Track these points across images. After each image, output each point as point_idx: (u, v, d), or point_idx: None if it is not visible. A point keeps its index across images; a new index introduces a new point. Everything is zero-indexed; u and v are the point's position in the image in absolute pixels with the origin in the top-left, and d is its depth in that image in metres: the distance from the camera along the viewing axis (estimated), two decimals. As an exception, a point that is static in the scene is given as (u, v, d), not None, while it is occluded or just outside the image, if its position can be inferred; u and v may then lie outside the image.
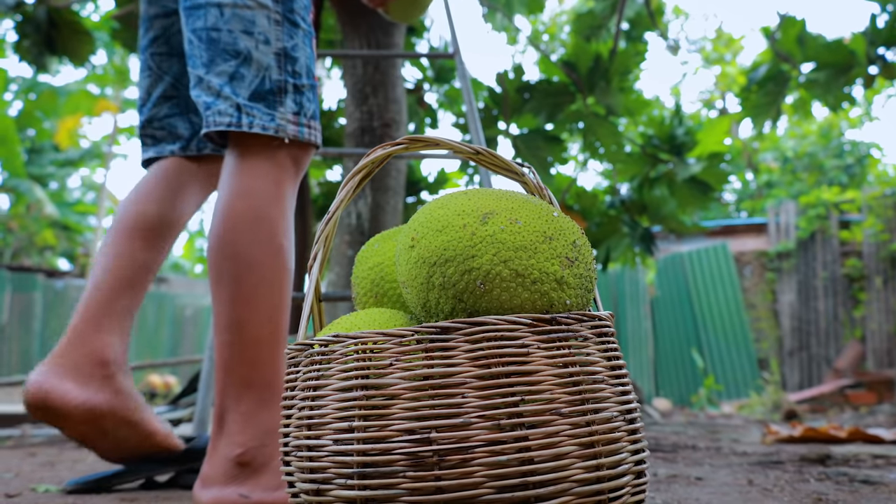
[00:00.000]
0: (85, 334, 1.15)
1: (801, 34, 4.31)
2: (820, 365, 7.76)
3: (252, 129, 1.04)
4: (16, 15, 3.61)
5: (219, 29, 1.07)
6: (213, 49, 1.07)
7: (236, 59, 1.06)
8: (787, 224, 8.35)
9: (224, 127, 1.05)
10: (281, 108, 1.07)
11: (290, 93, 1.09)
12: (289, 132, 1.07)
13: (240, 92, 1.05)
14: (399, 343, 0.61)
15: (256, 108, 1.05)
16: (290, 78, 1.09)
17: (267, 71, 1.07)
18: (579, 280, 0.67)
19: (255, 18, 1.07)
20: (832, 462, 1.42)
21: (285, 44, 1.09)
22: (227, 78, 1.06)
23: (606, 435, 0.62)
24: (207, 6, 1.07)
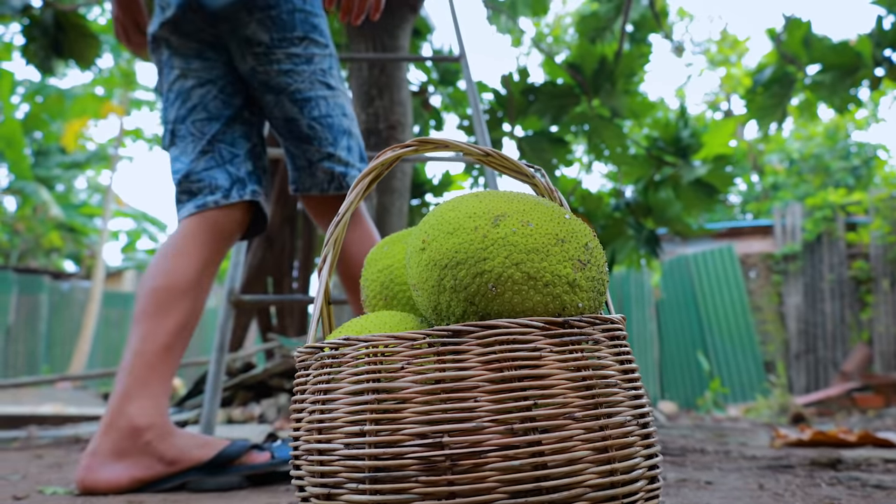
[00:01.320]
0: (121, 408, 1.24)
1: (806, 36, 4.30)
2: (827, 368, 7.72)
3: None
4: (23, 18, 3.63)
5: (331, 115, 1.43)
6: (333, 132, 1.43)
7: (346, 136, 1.45)
8: (794, 226, 8.32)
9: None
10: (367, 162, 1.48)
11: (363, 147, 1.50)
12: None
13: (354, 159, 1.45)
14: (410, 346, 0.61)
15: (363, 165, 1.46)
16: (360, 140, 1.49)
17: (358, 139, 1.48)
18: (591, 283, 0.67)
19: (343, 103, 1.46)
20: (843, 466, 1.41)
21: (353, 114, 1.49)
22: (346, 151, 1.44)
23: (620, 440, 0.61)
24: (317, 99, 1.42)
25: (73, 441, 2.48)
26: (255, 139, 1.50)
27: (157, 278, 1.32)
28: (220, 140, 1.43)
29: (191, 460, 1.24)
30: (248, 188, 1.43)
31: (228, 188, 1.40)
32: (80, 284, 11.19)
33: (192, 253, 1.35)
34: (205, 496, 1.18)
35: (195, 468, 1.24)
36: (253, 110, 1.50)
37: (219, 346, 1.65)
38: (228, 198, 1.39)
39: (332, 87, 1.44)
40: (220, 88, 1.44)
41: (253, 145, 1.49)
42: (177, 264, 1.33)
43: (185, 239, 1.37)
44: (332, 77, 1.45)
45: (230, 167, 1.42)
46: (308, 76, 1.41)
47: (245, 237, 1.52)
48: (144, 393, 1.23)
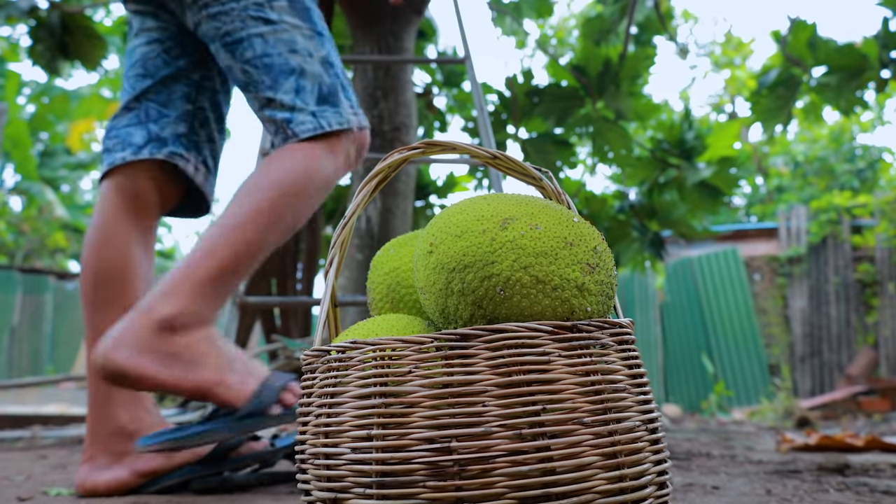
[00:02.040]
0: (101, 413, 1.21)
1: (812, 38, 4.28)
2: (832, 371, 7.69)
3: (332, 127, 1.20)
4: (30, 20, 3.64)
5: (269, 54, 1.22)
6: (272, 72, 1.22)
7: (294, 76, 1.22)
8: (799, 229, 8.29)
9: (311, 133, 1.19)
10: (341, 106, 1.23)
11: (341, 90, 1.25)
12: (352, 123, 1.23)
13: (307, 101, 1.21)
14: (418, 350, 0.61)
15: (325, 110, 1.22)
16: (337, 79, 1.25)
17: (320, 78, 1.24)
18: (600, 286, 0.66)
19: (294, 38, 1.24)
20: (851, 472, 1.40)
21: (323, 53, 1.26)
22: (294, 93, 1.21)
23: (629, 445, 0.61)
24: (250, 38, 1.23)
25: (77, 441, 2.48)
26: (202, 104, 1.37)
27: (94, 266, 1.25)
28: (149, 98, 1.33)
29: (188, 453, 1.22)
30: (167, 149, 1.30)
31: (141, 145, 1.29)
32: (84, 285, 11.20)
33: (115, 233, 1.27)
34: (209, 497, 1.18)
35: (196, 462, 1.22)
36: (209, 74, 1.39)
37: (223, 348, 1.65)
38: (138, 154, 1.28)
39: (270, 21, 1.23)
40: (165, 48, 1.35)
41: (196, 109, 1.36)
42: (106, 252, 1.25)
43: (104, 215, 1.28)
44: (273, 9, 1.24)
45: (153, 125, 1.32)
46: (238, 14, 1.23)
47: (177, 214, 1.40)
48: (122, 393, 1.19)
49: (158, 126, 1.32)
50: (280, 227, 1.16)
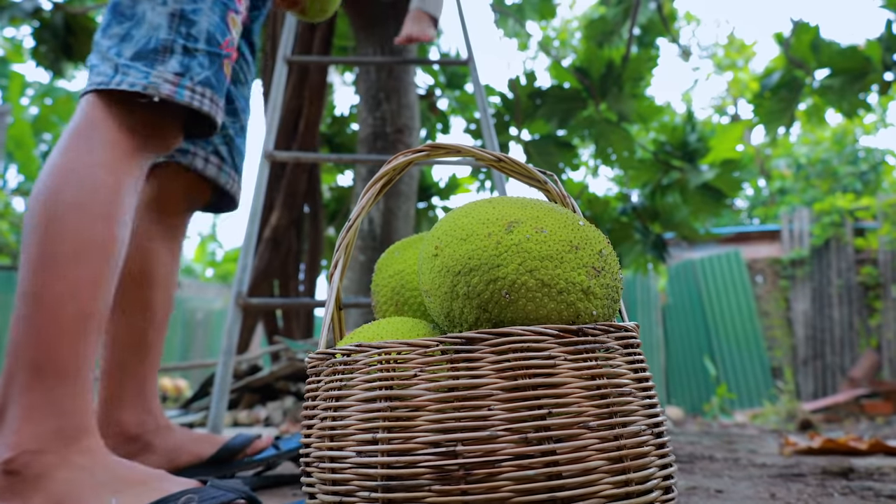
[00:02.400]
0: (107, 416, 1.16)
1: (814, 40, 4.28)
2: (835, 374, 7.67)
3: (119, 86, 0.94)
4: (33, 21, 3.65)
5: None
6: (113, 13, 1.01)
7: (130, 21, 1.00)
8: (801, 231, 8.28)
9: (94, 87, 0.96)
10: (160, 67, 0.97)
11: (178, 53, 0.99)
12: (162, 91, 0.96)
13: (123, 52, 0.98)
14: (423, 353, 0.60)
15: (134, 66, 0.96)
16: (181, 39, 1.00)
17: (156, 31, 0.99)
18: (606, 290, 0.66)
19: None
20: (855, 476, 1.39)
21: (184, 6, 1.01)
22: (117, 40, 0.99)
23: (635, 449, 0.61)
24: None
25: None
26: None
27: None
28: None
29: (191, 455, 1.20)
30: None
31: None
32: (86, 285, 11.21)
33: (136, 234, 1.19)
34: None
35: (200, 464, 1.21)
36: None
37: (226, 350, 1.65)
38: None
39: None
40: None
41: None
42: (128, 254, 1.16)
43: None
44: None
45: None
46: None
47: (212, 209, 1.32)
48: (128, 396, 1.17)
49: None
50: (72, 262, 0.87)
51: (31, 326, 0.84)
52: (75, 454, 0.82)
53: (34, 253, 0.87)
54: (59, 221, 0.87)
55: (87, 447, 0.83)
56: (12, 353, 0.84)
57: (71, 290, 0.86)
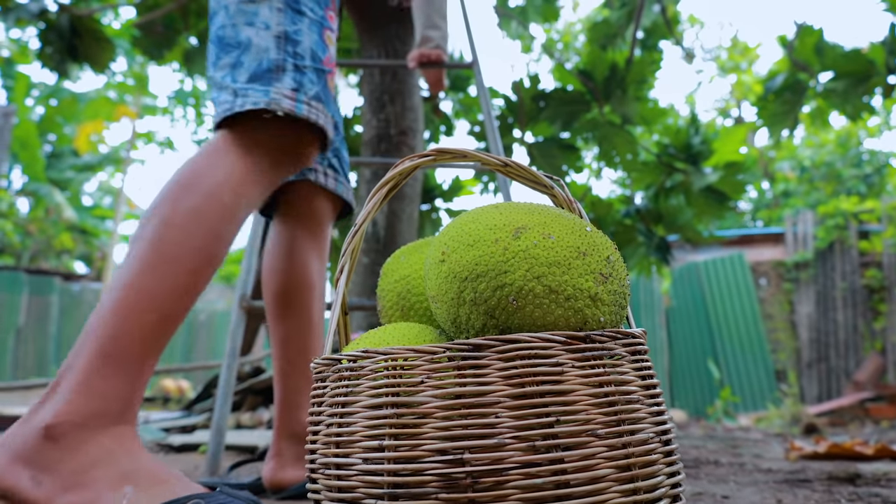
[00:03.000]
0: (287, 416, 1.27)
1: (818, 43, 4.27)
2: (839, 377, 7.64)
3: (244, 107, 1.00)
4: (39, 22, 3.66)
5: (224, 26, 1.07)
6: (219, 46, 1.07)
7: (237, 50, 1.05)
8: (805, 234, 8.26)
9: (221, 115, 1.01)
10: (277, 84, 1.03)
11: (290, 71, 1.05)
12: (283, 106, 1.02)
13: (238, 78, 1.03)
14: (430, 360, 0.60)
15: (252, 88, 1.02)
16: (290, 58, 1.06)
17: (265, 53, 1.04)
18: (613, 296, 0.66)
19: (257, 10, 1.07)
20: (862, 481, 1.39)
21: (286, 28, 1.07)
22: (228, 69, 1.04)
23: (643, 457, 0.60)
24: (217, 11, 1.10)
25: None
26: None
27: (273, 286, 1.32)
28: None
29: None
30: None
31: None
32: (90, 286, 11.25)
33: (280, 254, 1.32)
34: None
35: None
36: None
37: (230, 352, 1.65)
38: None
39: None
40: None
41: None
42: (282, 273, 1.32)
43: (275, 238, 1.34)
44: None
45: None
46: None
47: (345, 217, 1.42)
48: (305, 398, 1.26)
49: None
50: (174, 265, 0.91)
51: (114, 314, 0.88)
52: (108, 437, 0.84)
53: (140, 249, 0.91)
54: (172, 226, 0.92)
55: (121, 434, 0.86)
56: (90, 332, 0.88)
57: (163, 291, 0.90)
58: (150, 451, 2.26)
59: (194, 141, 12.66)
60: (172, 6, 3.71)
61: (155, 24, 3.77)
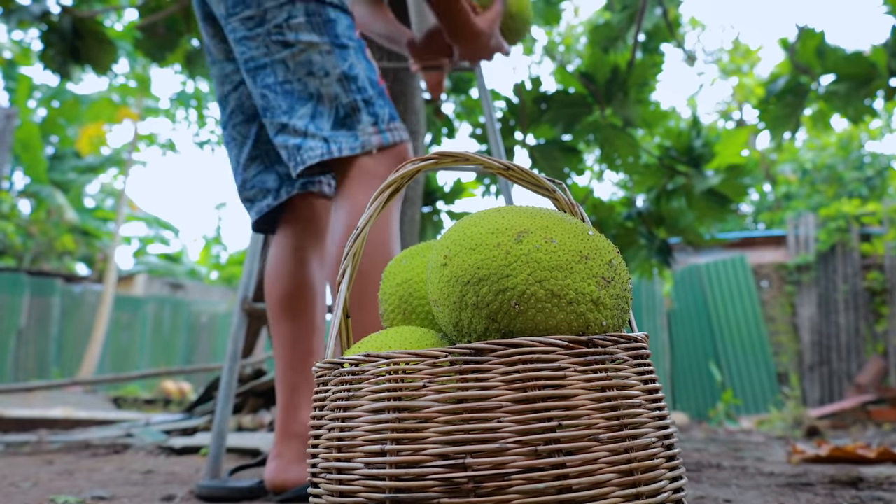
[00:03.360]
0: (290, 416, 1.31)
1: (820, 46, 4.27)
2: (841, 380, 7.63)
3: (342, 153, 1.16)
4: (41, 24, 3.67)
5: (289, 81, 1.19)
6: (290, 99, 1.19)
7: (311, 101, 1.19)
8: (807, 236, 8.25)
9: (318, 159, 1.16)
10: (360, 126, 1.18)
11: (362, 109, 1.19)
12: (373, 143, 1.17)
13: (322, 126, 1.18)
14: (432, 364, 0.60)
15: (340, 135, 1.17)
16: (357, 95, 1.19)
17: (337, 100, 1.19)
18: (615, 301, 0.66)
19: (311, 58, 1.19)
20: (865, 485, 1.38)
21: (342, 68, 1.20)
22: (308, 119, 1.18)
23: (645, 462, 0.60)
24: (273, 64, 1.20)
25: (83, 447, 2.48)
26: None
27: (276, 293, 1.37)
28: (264, 140, 1.37)
29: None
30: (298, 183, 1.37)
31: (277, 188, 1.37)
32: (91, 288, 11.26)
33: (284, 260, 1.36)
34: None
35: None
36: None
37: (232, 355, 1.65)
38: (277, 198, 1.37)
39: (289, 44, 1.19)
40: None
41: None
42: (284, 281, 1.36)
43: (276, 250, 1.39)
44: (291, 30, 1.19)
45: (279, 167, 1.37)
46: (261, 39, 1.20)
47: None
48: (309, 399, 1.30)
49: (283, 165, 1.36)
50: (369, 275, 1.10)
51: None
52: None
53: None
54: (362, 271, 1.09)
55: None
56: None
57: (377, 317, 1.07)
58: (151, 453, 2.26)
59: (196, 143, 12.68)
60: (175, 8, 3.72)
61: (157, 26, 3.78)
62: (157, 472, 1.77)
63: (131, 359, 10.88)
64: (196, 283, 14.05)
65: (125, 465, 1.92)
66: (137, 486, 1.46)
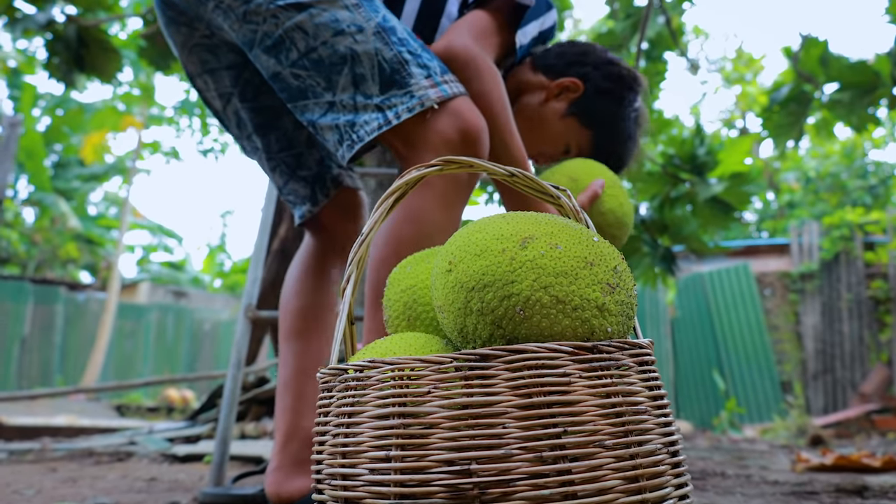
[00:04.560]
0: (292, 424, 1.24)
1: (823, 55, 4.27)
2: (845, 389, 7.59)
3: (401, 118, 0.97)
4: (46, 33, 3.69)
5: (313, 49, 1.00)
6: (323, 69, 1.00)
7: (346, 65, 0.99)
8: (811, 245, 8.23)
9: (376, 132, 0.98)
10: (412, 81, 0.99)
11: (410, 60, 1.00)
12: (432, 97, 0.98)
13: (371, 92, 0.99)
14: (437, 370, 0.60)
15: (392, 96, 0.98)
16: (401, 47, 1.01)
17: (378, 55, 0.99)
18: (620, 307, 0.66)
19: (336, 16, 1.00)
20: (870, 494, 1.37)
21: (376, 20, 1.01)
22: (351, 88, 0.99)
23: (651, 469, 0.60)
24: (290, 32, 1.01)
25: (86, 454, 2.48)
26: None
27: (290, 308, 1.30)
28: (273, 150, 1.27)
29: None
30: (329, 180, 1.28)
31: (311, 195, 1.29)
32: (95, 296, 11.28)
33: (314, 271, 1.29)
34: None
35: None
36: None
37: (235, 363, 1.65)
38: (317, 204, 1.29)
39: (303, 5, 1.01)
40: (245, 95, 1.24)
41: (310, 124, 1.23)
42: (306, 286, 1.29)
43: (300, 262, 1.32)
44: None
45: (302, 171, 1.28)
46: (266, 9, 1.02)
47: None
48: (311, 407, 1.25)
49: (306, 169, 1.27)
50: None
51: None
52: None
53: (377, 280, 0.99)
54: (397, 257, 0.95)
55: None
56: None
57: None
58: (154, 461, 2.26)
59: (199, 151, 12.73)
60: (179, 17, 3.74)
61: (161, 35, 3.80)
62: (160, 479, 1.76)
63: (134, 366, 10.89)
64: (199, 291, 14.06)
65: (128, 472, 1.92)
66: (141, 494, 1.46)
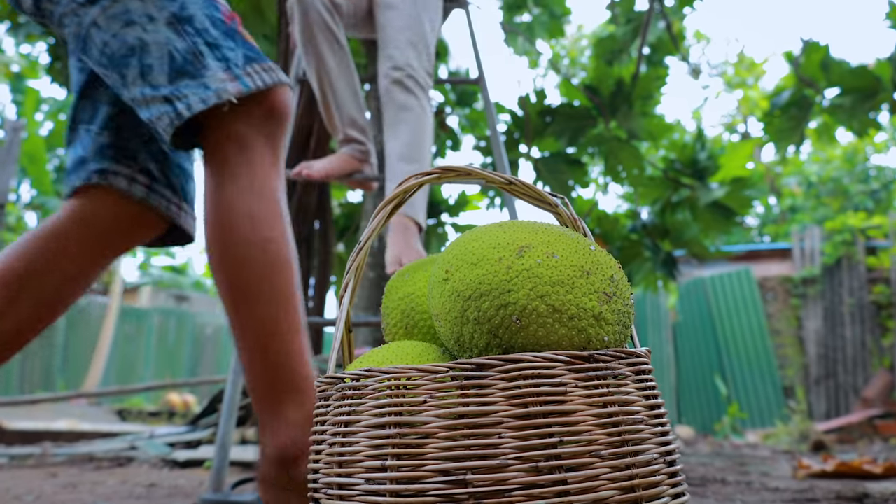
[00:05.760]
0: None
1: (824, 59, 4.28)
2: (847, 394, 7.57)
3: (192, 111, 0.90)
4: (49, 38, 3.71)
5: (106, 43, 0.93)
6: (114, 65, 0.93)
7: (135, 56, 0.92)
8: (813, 249, 8.22)
9: (169, 128, 0.91)
10: (208, 73, 0.91)
11: (207, 54, 0.93)
12: (231, 90, 0.91)
13: (158, 82, 0.91)
14: (433, 379, 0.60)
15: (182, 86, 0.90)
16: (197, 38, 0.93)
17: (168, 45, 0.92)
18: (617, 316, 0.66)
19: (127, 7, 0.93)
20: (870, 501, 1.37)
21: (170, 9, 0.94)
22: (139, 81, 0.92)
23: (647, 479, 0.60)
24: (89, 30, 0.95)
25: (87, 459, 2.48)
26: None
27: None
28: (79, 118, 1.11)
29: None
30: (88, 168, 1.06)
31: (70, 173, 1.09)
32: (96, 300, 11.29)
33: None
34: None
35: None
36: None
37: (236, 369, 1.65)
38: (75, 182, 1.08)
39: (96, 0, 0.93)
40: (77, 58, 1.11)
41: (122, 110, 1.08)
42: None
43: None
44: None
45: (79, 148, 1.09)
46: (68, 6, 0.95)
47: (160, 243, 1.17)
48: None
49: (82, 146, 1.08)
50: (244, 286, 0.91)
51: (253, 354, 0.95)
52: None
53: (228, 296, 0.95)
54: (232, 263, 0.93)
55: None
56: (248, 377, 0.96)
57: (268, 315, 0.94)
58: (155, 466, 2.26)
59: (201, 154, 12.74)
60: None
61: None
62: (160, 485, 1.76)
63: (136, 371, 10.89)
64: (201, 295, 14.07)
65: (129, 478, 1.92)
66: (141, 500, 1.46)
